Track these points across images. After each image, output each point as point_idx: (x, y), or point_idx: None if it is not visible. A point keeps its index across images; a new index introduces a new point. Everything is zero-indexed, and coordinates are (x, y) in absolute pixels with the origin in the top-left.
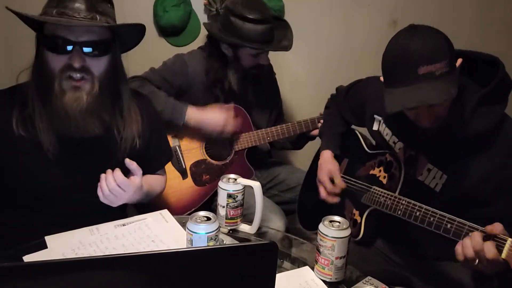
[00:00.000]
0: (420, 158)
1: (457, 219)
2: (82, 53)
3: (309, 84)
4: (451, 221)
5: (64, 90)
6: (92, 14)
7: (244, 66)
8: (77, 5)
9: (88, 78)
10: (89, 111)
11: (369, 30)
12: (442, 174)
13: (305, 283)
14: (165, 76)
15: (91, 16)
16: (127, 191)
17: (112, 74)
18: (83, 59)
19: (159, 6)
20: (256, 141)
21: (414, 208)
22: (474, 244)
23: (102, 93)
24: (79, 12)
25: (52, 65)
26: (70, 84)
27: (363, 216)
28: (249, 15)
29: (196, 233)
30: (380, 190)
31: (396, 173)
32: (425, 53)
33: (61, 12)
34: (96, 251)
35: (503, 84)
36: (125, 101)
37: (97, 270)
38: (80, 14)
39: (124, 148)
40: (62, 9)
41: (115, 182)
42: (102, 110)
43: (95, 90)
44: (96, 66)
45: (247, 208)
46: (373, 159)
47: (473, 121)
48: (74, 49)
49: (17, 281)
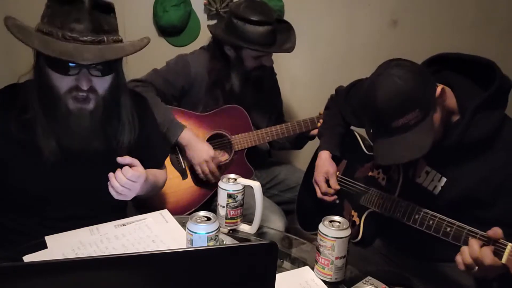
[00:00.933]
0: (419, 161)
1: (457, 222)
2: (89, 75)
3: (309, 84)
4: (451, 224)
5: (70, 110)
6: (100, 37)
7: (247, 68)
8: (83, 26)
9: (93, 97)
10: (93, 128)
11: (369, 30)
12: (441, 176)
13: (305, 283)
14: (168, 78)
15: (98, 40)
16: (138, 181)
17: (115, 90)
18: (90, 80)
19: (159, 6)
20: (256, 141)
21: (413, 211)
22: (471, 251)
23: (106, 109)
24: (86, 34)
25: (56, 83)
26: (76, 106)
27: (362, 217)
28: (251, 17)
29: (196, 233)
30: (379, 192)
31: (395, 175)
32: (395, 107)
33: (68, 36)
34: (96, 251)
35: (502, 88)
36: (125, 111)
37: (97, 270)
38: (87, 37)
39: (120, 153)
40: (68, 32)
41: (125, 177)
42: (106, 126)
43: (99, 107)
44: (102, 85)
45: (247, 208)
46: (371, 161)
47: (472, 127)
48: (81, 72)
49: (17, 281)
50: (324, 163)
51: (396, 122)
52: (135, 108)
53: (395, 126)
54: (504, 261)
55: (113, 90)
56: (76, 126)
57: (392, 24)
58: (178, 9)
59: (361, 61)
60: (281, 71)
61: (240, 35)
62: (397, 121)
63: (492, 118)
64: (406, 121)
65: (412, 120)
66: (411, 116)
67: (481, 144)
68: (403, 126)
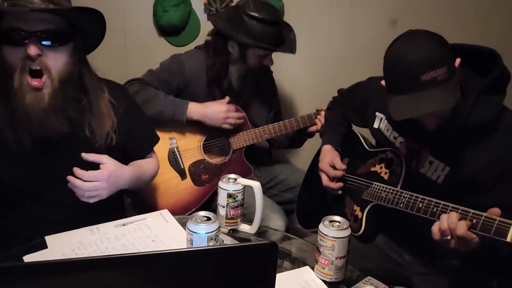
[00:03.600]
0: (422, 151)
1: (461, 207)
2: (39, 44)
3: (309, 83)
4: (455, 209)
5: (24, 91)
6: (45, 4)
7: (248, 66)
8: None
9: (47, 72)
10: (52, 109)
11: (369, 30)
12: (445, 166)
13: (305, 283)
14: (163, 77)
15: (44, 6)
16: (101, 180)
17: (73, 68)
18: (40, 48)
19: (159, 5)
20: (254, 139)
21: (416, 200)
22: (450, 222)
23: (64, 88)
24: (32, 2)
25: (10, 59)
26: (30, 85)
27: (365, 211)
28: (263, 16)
29: (196, 233)
30: (382, 185)
31: (397, 168)
32: (426, 60)
33: (13, 3)
34: (96, 251)
35: (502, 75)
36: (93, 96)
37: (97, 270)
38: (33, 4)
39: (98, 145)
40: (14, 0)
41: (82, 181)
42: (67, 107)
43: (56, 85)
44: (55, 58)
45: (247, 208)
46: (373, 157)
47: (474, 112)
48: (30, 40)
49: (17, 281)
50: (326, 153)
51: (426, 75)
52: (112, 96)
53: (423, 80)
54: (509, 240)
55: (71, 70)
56: (32, 108)
57: (391, 24)
58: (178, 9)
59: (360, 61)
60: (281, 71)
61: (252, 34)
62: (427, 74)
63: (492, 103)
64: (435, 76)
65: (440, 76)
66: (440, 71)
67: (483, 131)
68: (431, 81)
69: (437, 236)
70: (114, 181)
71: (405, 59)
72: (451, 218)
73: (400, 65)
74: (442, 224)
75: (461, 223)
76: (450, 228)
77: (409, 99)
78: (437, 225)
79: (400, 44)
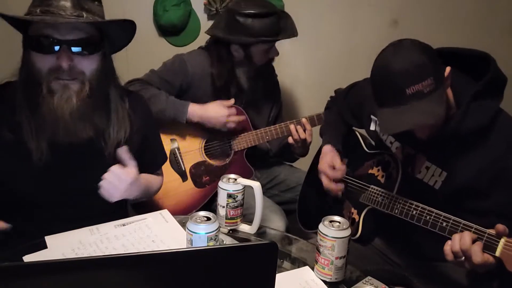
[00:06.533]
0: (418, 157)
1: (452, 217)
2: (70, 52)
3: (309, 83)
4: (446, 219)
5: (53, 90)
6: (78, 12)
7: (256, 64)
8: (62, 2)
9: (78, 77)
10: (80, 113)
11: (369, 30)
12: (442, 171)
13: (305, 283)
14: (165, 77)
15: (77, 14)
16: (120, 181)
17: (102, 76)
18: (70, 58)
19: (159, 5)
20: (255, 140)
21: (410, 207)
22: (462, 243)
23: (93, 95)
24: (64, 9)
25: (39, 66)
26: (59, 84)
27: (361, 215)
28: (255, 10)
29: (196, 233)
30: (378, 189)
31: (394, 172)
32: (409, 73)
33: (45, 10)
34: (96, 251)
35: (497, 79)
36: (114, 103)
37: (97, 270)
38: (66, 12)
39: (108, 153)
40: (46, 7)
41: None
42: (93, 114)
43: (85, 91)
44: (85, 66)
45: (247, 208)
46: (371, 159)
47: (467, 118)
48: (61, 48)
49: (17, 281)
50: (326, 154)
51: (411, 89)
52: (130, 107)
53: (409, 93)
54: (498, 254)
55: (100, 77)
56: (61, 110)
57: (392, 24)
58: (178, 8)
59: (361, 61)
60: (281, 71)
61: (250, 31)
62: (412, 87)
63: (486, 108)
64: (420, 88)
65: (426, 88)
66: (426, 83)
67: (477, 136)
68: (418, 93)
69: (449, 257)
70: (127, 187)
71: (389, 72)
72: (463, 239)
73: (385, 79)
74: (454, 245)
75: (475, 247)
76: (463, 250)
77: (395, 112)
78: (449, 245)
79: (385, 55)
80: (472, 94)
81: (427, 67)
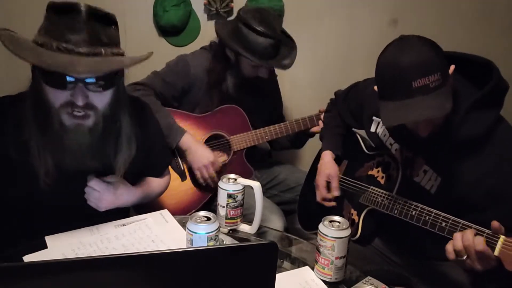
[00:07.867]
0: (417, 159)
1: (452, 217)
2: (86, 89)
3: (309, 84)
4: (446, 219)
5: (66, 127)
6: (97, 49)
7: (244, 75)
8: (79, 37)
9: (92, 114)
10: (93, 146)
11: (369, 29)
12: (437, 176)
13: (305, 283)
14: (168, 79)
15: (95, 52)
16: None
17: (115, 105)
18: (86, 95)
19: (159, 5)
20: (255, 140)
21: (410, 207)
22: (465, 239)
23: (106, 127)
24: (81, 45)
25: (51, 99)
26: (72, 122)
27: (361, 215)
28: (255, 25)
29: (196, 233)
30: (378, 190)
31: (394, 173)
32: (418, 66)
33: (63, 47)
34: (96, 251)
35: (498, 88)
36: (124, 127)
37: (97, 270)
38: (83, 48)
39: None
40: (63, 43)
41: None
42: (104, 144)
43: (100, 126)
44: (99, 101)
45: (247, 208)
46: (371, 160)
47: (464, 125)
48: (76, 86)
49: (17, 281)
50: (326, 165)
51: (418, 82)
52: (137, 116)
53: (415, 86)
54: (497, 253)
55: (113, 108)
56: (73, 144)
57: (392, 24)
58: (178, 9)
59: (361, 61)
60: (281, 71)
61: (242, 42)
62: (418, 80)
63: (484, 118)
64: (427, 82)
65: (433, 82)
66: (432, 78)
67: (474, 145)
68: (424, 88)
69: (451, 256)
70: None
71: (396, 65)
72: (466, 235)
73: (392, 71)
74: (456, 243)
75: (478, 238)
76: (465, 246)
77: (400, 105)
78: (451, 244)
79: (392, 49)
80: (471, 101)
81: (435, 62)
